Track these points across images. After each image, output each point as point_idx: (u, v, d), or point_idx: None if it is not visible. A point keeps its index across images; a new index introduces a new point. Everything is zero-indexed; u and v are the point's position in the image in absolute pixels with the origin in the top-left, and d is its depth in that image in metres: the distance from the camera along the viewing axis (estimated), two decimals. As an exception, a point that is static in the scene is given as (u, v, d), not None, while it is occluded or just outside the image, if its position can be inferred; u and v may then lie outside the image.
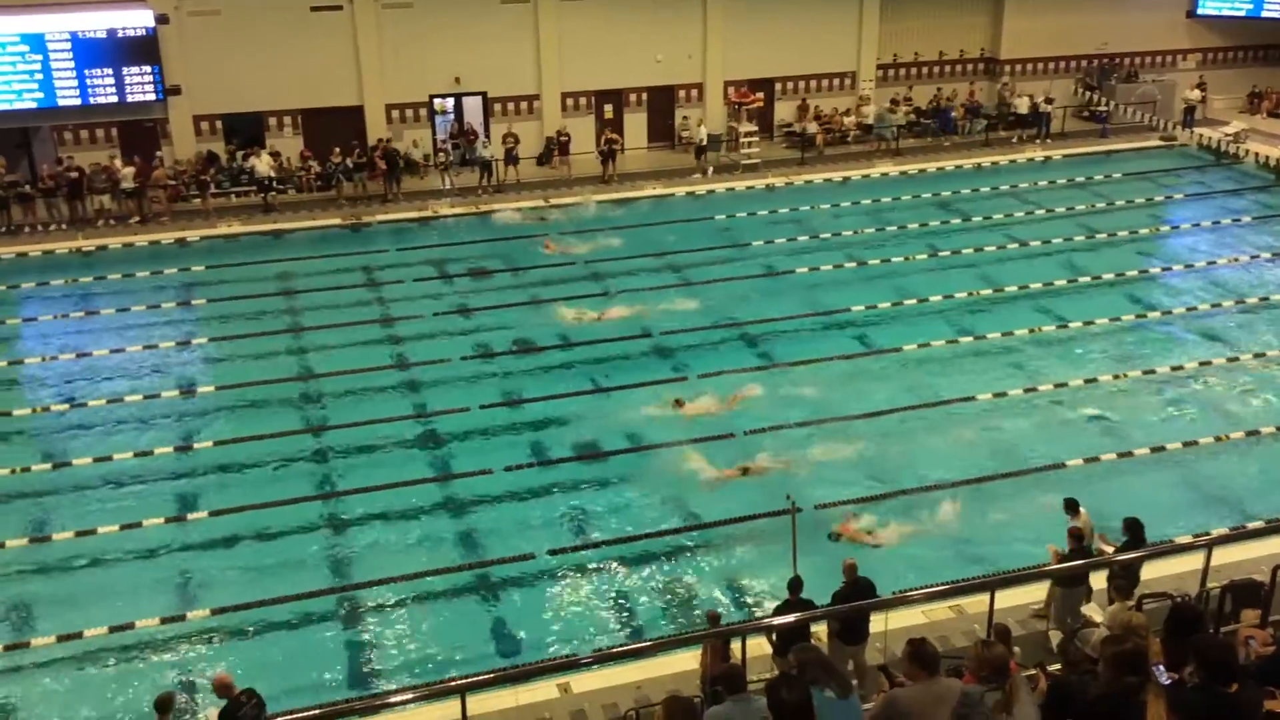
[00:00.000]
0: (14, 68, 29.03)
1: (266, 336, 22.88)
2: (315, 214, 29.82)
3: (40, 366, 22.01)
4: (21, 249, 27.38)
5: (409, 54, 32.18)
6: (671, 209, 30.89)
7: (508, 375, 21.32)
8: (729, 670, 7.67)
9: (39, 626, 14.48)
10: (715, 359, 21.73)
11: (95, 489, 17.58)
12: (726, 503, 16.83)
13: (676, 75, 35.23)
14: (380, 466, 18.04)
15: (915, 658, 7.22)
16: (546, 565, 15.56)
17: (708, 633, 11.70)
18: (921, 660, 7.16)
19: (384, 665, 13.76)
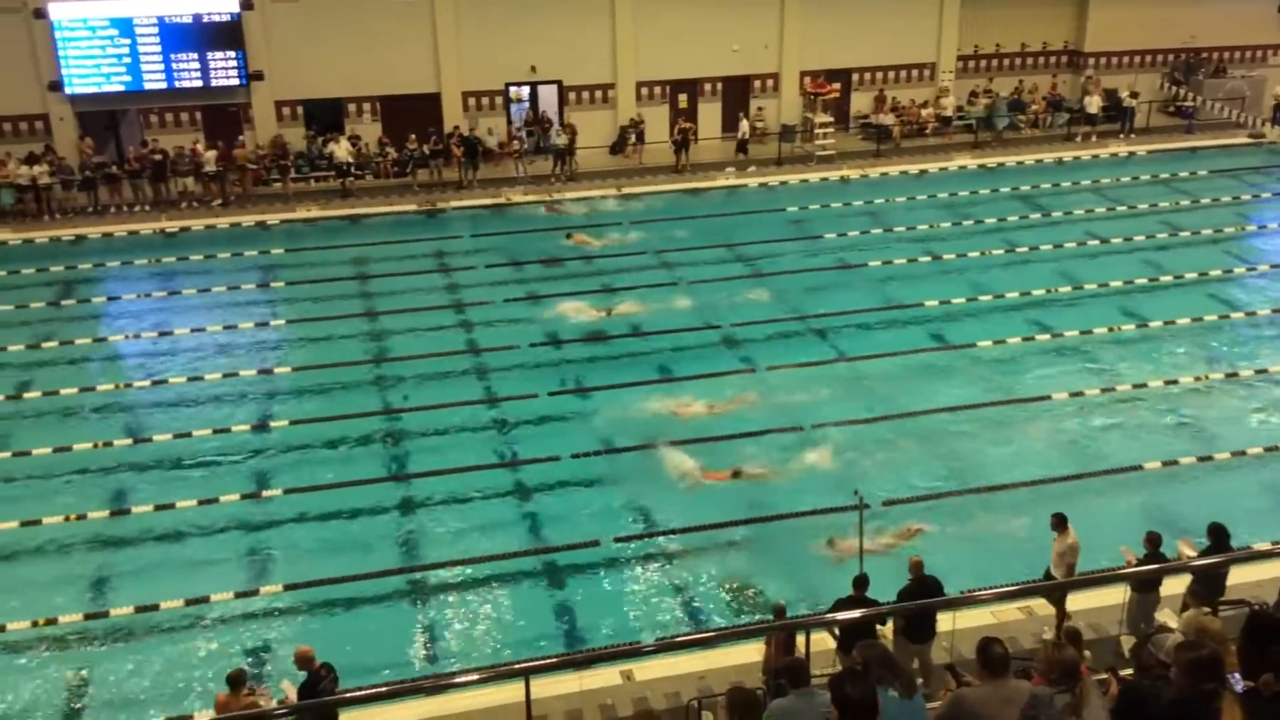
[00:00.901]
0: (103, 51, 29.77)
1: (342, 319, 23.23)
2: (391, 199, 30.19)
3: (124, 344, 22.61)
4: (108, 229, 28.12)
5: (486, 42, 32.39)
6: (744, 200, 30.77)
7: (576, 363, 21.41)
8: (792, 663, 7.64)
9: (117, 597, 14.87)
10: (784, 351, 21.62)
11: (174, 464, 18.00)
12: (793, 495, 16.74)
13: (752, 65, 35.03)
14: (450, 450, 18.23)
15: (980, 659, 7.12)
16: (611, 552, 15.62)
17: (771, 625, 11.67)
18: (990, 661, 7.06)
19: (449, 646, 13.93)
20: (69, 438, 18.59)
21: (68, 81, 29.78)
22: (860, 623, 11.13)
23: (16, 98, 29.86)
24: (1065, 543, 13.18)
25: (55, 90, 29.88)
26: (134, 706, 12.95)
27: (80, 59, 29.67)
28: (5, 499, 16.98)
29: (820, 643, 11.82)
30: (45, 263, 26.15)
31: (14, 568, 15.47)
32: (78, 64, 29.68)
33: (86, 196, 29.32)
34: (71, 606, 14.59)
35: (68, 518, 16.40)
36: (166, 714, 12.67)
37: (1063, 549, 13.15)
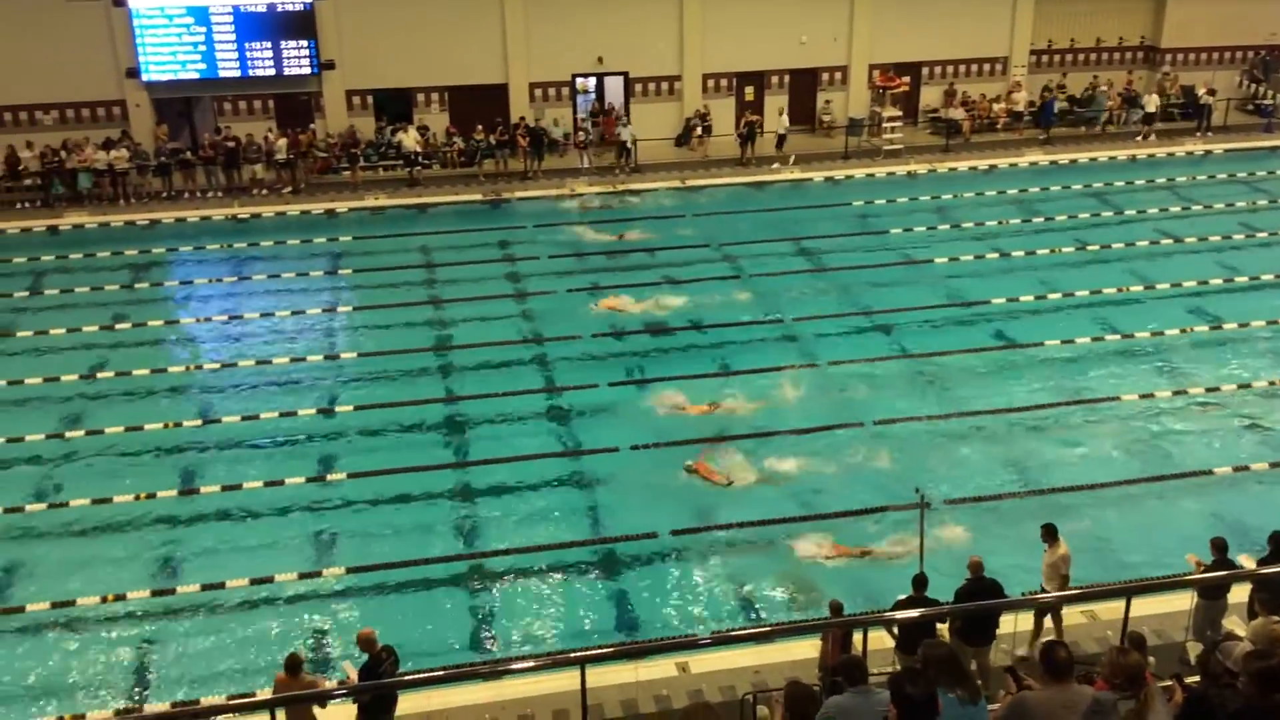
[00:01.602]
0: (179, 39, 30.35)
1: (406, 307, 23.47)
2: (457, 189, 30.43)
3: (194, 327, 23.08)
4: (181, 214, 28.69)
5: (554, 33, 32.50)
6: (809, 194, 30.58)
7: (637, 355, 21.43)
8: (850, 661, 7.59)
9: (185, 575, 15.18)
10: (846, 347, 21.46)
11: (242, 446, 18.34)
12: (851, 493, 16.64)
13: (820, 58, 34.75)
14: (510, 438, 18.36)
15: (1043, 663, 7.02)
16: (669, 545, 15.63)
17: (829, 622, 11.59)
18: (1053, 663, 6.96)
19: (506, 633, 14.03)
20: (140, 418, 19.00)
21: (145, 68, 30.42)
22: (920, 622, 11.02)
23: (95, 84, 30.57)
24: (1056, 554, 12.90)
25: (132, 77, 30.54)
26: (198, 683, 13.21)
27: (157, 46, 30.28)
28: (78, 476, 17.42)
29: (877, 641, 11.76)
30: (120, 246, 26.75)
31: (85, 544, 15.85)
32: (155, 51, 30.29)
33: (161, 182, 29.93)
34: (140, 583, 14.93)
35: (138, 496, 16.78)
36: (229, 691, 12.91)
37: (1054, 560, 12.89)
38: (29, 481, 17.28)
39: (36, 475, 17.47)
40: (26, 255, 26.15)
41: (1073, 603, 13.20)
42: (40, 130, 30.29)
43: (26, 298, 24.00)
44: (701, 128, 33.28)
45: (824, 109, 35.20)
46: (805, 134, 35.12)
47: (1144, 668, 7.54)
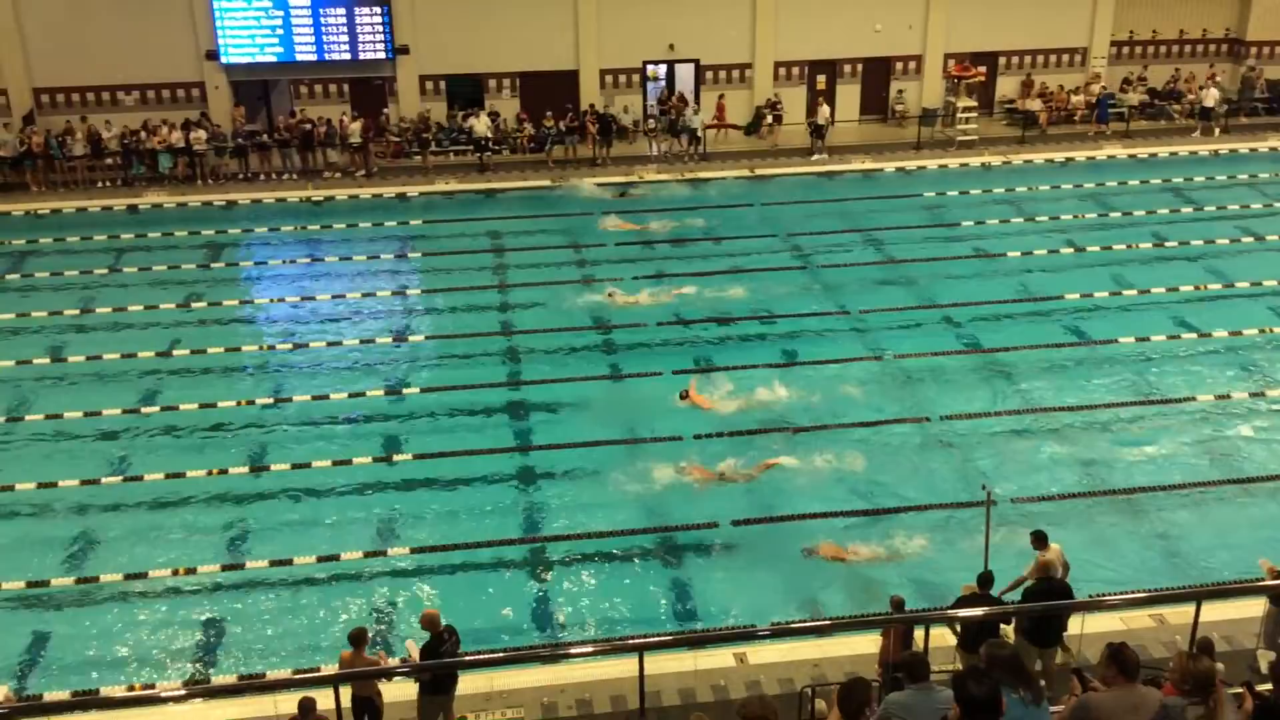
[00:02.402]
0: (258, 22, 30.85)
1: (474, 291, 23.66)
2: (526, 175, 30.59)
3: (267, 307, 23.51)
4: (257, 195, 29.19)
5: (626, 20, 32.48)
6: (880, 184, 30.27)
7: (702, 343, 21.39)
8: (912, 657, 7.53)
9: (254, 550, 15.49)
10: (914, 340, 21.21)
11: (311, 425, 18.64)
12: (917, 487, 16.48)
13: (894, 46, 34.34)
14: (573, 424, 18.43)
15: (1115, 661, 6.90)
16: (729, 535, 15.60)
17: (891, 617, 11.50)
18: (1121, 664, 6.84)
19: (565, 617, 14.11)
20: (214, 395, 19.40)
21: (224, 51, 30.97)
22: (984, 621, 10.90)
23: (176, 65, 31.20)
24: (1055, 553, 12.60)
25: (212, 59, 31.12)
26: (264, 656, 13.48)
27: (236, 29, 30.80)
28: (152, 451, 17.85)
29: (939, 639, 11.64)
30: (197, 226, 27.29)
31: (158, 517, 16.23)
32: (234, 34, 30.83)
33: (238, 163, 30.47)
34: (210, 557, 15.26)
35: (210, 472, 17.13)
36: (294, 665, 13.15)
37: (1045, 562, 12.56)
38: (106, 455, 17.73)
39: (113, 449, 17.92)
40: (107, 233, 26.78)
41: (1140, 606, 12.97)
42: (121, 110, 31.00)
43: (106, 275, 24.59)
44: (772, 116, 33.07)
45: (897, 99, 34.78)
46: (878, 124, 34.75)
47: (1215, 674, 7.38)
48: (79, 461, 17.49)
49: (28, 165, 29.19)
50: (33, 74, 30.78)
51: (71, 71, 30.88)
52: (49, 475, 16.97)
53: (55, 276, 24.38)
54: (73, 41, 30.46)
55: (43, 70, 30.79)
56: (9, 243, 26.25)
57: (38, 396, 19.49)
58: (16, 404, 19.22)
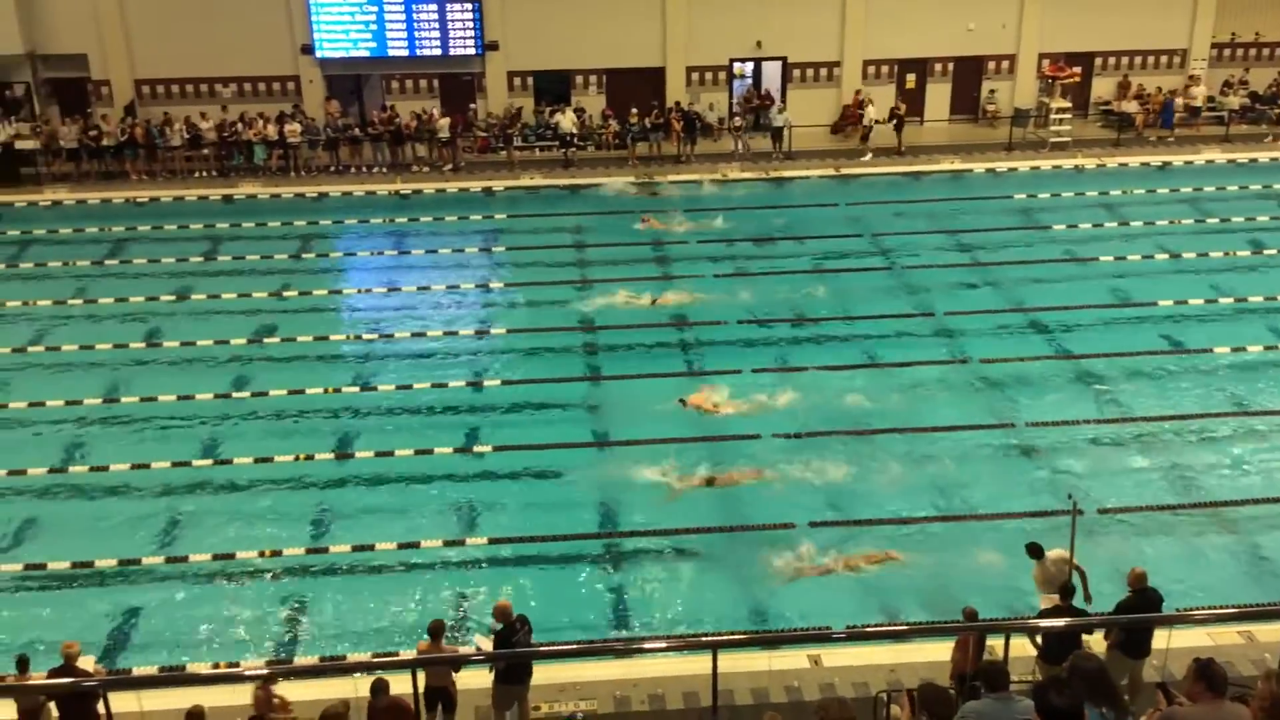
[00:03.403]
0: (352, 17, 31.43)
1: (556, 285, 23.81)
2: (610, 171, 30.68)
3: (356, 297, 23.96)
4: (347, 188, 29.74)
5: (714, 17, 32.40)
6: (969, 185, 29.81)
7: (781, 343, 21.27)
8: (991, 666, 7.43)
9: (337, 534, 15.79)
10: (1001, 345, 20.85)
11: (395, 414, 18.94)
12: (1000, 495, 16.21)
13: (987, 45, 33.76)
14: (650, 421, 18.41)
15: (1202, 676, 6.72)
16: (806, 536, 15.47)
17: (971, 625, 11.31)
18: (1209, 680, 6.66)
19: (638, 613, 14.13)
20: (302, 382, 19.81)
21: (318, 45, 31.61)
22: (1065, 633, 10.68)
23: (272, 59, 31.92)
24: (1046, 570, 12.37)
25: (307, 53, 31.78)
26: (344, 639, 13.75)
27: (330, 24, 31.41)
28: (242, 435, 18.28)
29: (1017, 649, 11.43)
30: (289, 217, 27.88)
31: (247, 499, 16.63)
32: (328, 29, 31.44)
33: (330, 156, 31.06)
34: (295, 540, 15.60)
35: (297, 457, 17.50)
36: (373, 650, 13.38)
37: (1047, 576, 12.35)
38: (197, 437, 18.21)
39: (204, 432, 18.40)
40: (203, 222, 27.50)
41: (1229, 622, 12.60)
42: (219, 102, 31.78)
43: (201, 262, 25.26)
44: (859, 115, 32.73)
45: (988, 98, 34.20)
46: (968, 124, 34.21)
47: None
48: (171, 443, 17.99)
49: (128, 154, 30.09)
50: (135, 66, 31.72)
51: (172, 64, 31.76)
52: (142, 456, 17.49)
53: (153, 263, 25.11)
54: (173, 34, 31.33)
55: (144, 62, 31.72)
56: (110, 229, 27.09)
57: (134, 379, 20.08)
58: (113, 386, 19.82)
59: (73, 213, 28.22)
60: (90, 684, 10.78)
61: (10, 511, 16.30)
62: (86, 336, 21.54)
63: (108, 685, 10.96)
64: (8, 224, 27.50)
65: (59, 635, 12.25)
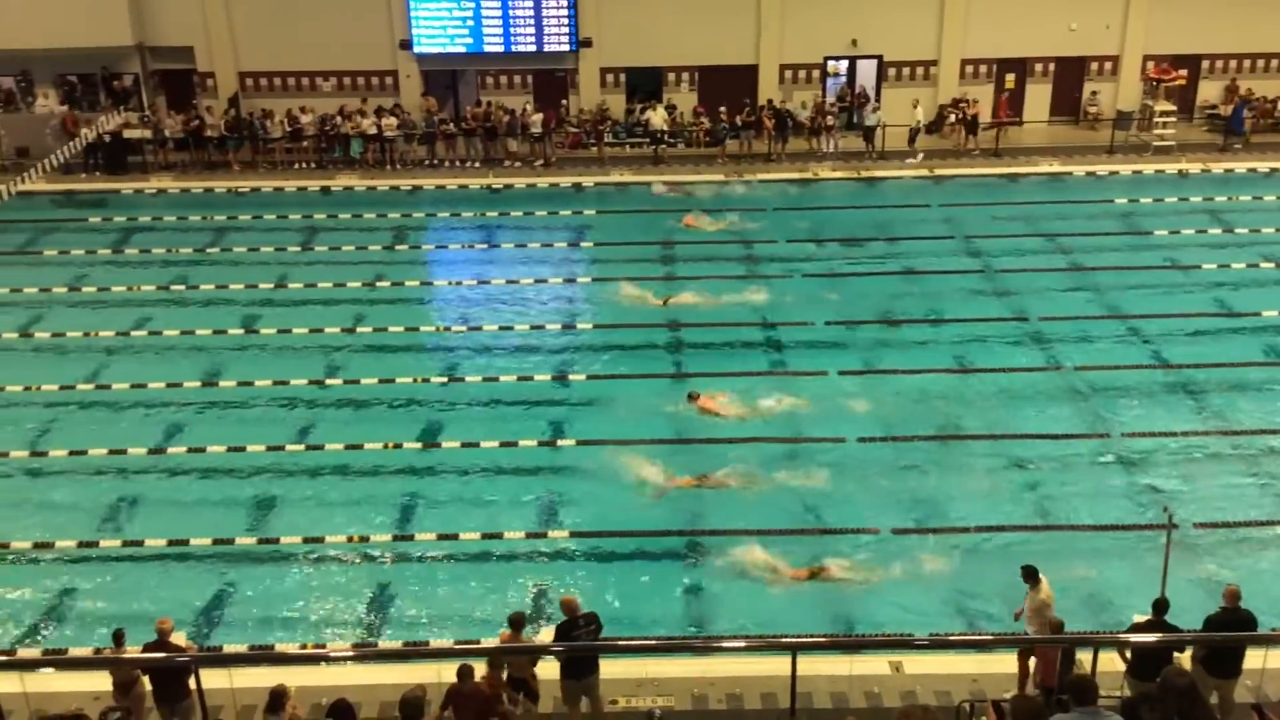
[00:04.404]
0: (450, 14, 31.85)
1: (642, 281, 23.80)
2: (700, 168, 30.64)
3: (446, 289, 24.31)
4: (441, 181, 30.15)
5: (808, 15, 32.16)
6: (1068, 188, 29.16)
7: (870, 345, 21.03)
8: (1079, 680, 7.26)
9: (422, 522, 16.03)
10: (1097, 352, 20.37)
11: (481, 406, 19.17)
12: (1092, 506, 15.85)
13: (1090, 46, 32.93)
14: (736, 419, 18.34)
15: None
16: (888, 543, 15.30)
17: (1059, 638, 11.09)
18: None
19: (716, 612, 14.10)
20: (392, 371, 20.16)
21: (416, 41, 32.11)
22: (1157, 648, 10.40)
23: (371, 54, 32.51)
24: (1038, 597, 11.92)
25: (405, 49, 32.29)
26: (426, 626, 13.97)
27: (429, 20, 31.89)
28: (333, 422, 18.64)
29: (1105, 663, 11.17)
30: (384, 209, 28.37)
31: (337, 485, 16.98)
32: (426, 25, 31.92)
33: (425, 150, 31.52)
34: (382, 526, 15.88)
35: (385, 445, 17.82)
36: (455, 637, 13.55)
37: (1036, 604, 11.91)
38: (291, 422, 18.63)
39: (297, 417, 18.81)
40: (301, 213, 28.12)
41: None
42: (319, 96, 32.49)
43: (298, 252, 25.83)
44: (956, 115, 32.21)
45: (1090, 100, 33.40)
46: (1068, 125, 33.44)
47: None
48: (266, 427, 18.43)
49: (231, 145, 30.90)
50: (239, 59, 32.56)
51: (274, 58, 32.53)
52: (238, 439, 17.96)
53: (252, 252, 25.75)
54: (276, 29, 32.09)
55: (248, 55, 32.55)
56: (212, 218, 27.85)
57: (231, 364, 20.61)
58: (212, 370, 20.37)
59: (177, 201, 29.07)
60: (182, 660, 11.11)
61: (111, 489, 16.87)
62: (187, 322, 22.17)
63: (199, 661, 11.29)
64: (114, 210, 28.45)
65: (154, 611, 12.62)
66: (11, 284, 23.95)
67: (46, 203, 28.95)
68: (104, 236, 26.82)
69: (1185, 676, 6.97)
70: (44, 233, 27.06)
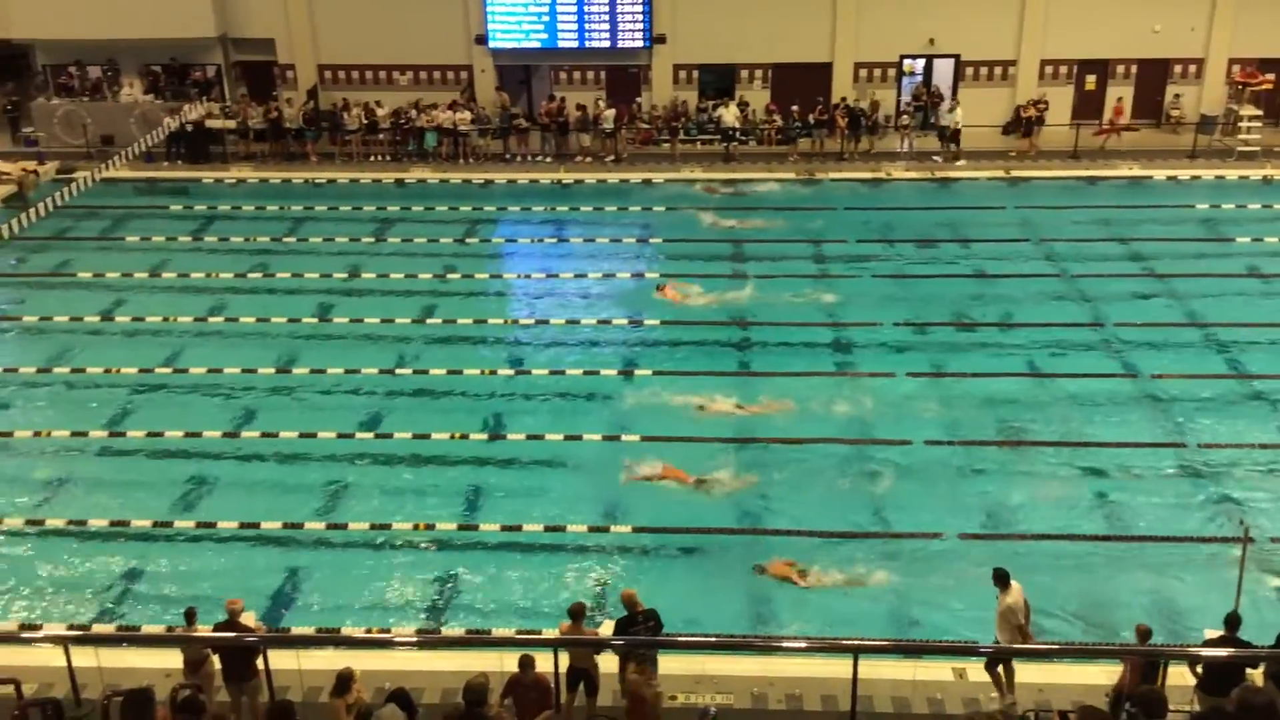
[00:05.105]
0: (525, 9, 32.06)
1: (710, 279, 23.78)
2: (771, 166, 30.50)
3: (515, 282, 24.49)
4: (513, 175, 30.38)
5: (885, 13, 31.84)
6: (1148, 192, 28.54)
7: (940, 348, 20.78)
8: (1150, 693, 7.13)
9: (487, 512, 16.18)
10: (1175, 360, 19.93)
11: (546, 399, 19.27)
12: (1167, 516, 15.53)
13: (1174, 48, 32.19)
14: (800, 420, 18.23)
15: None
16: (954, 548, 15.12)
17: (1127, 649, 10.89)
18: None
19: (778, 612, 14.03)
20: (460, 362, 20.36)
21: (492, 36, 32.36)
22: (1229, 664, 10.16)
23: (447, 49, 32.83)
24: (1005, 601, 11.68)
25: (480, 44, 32.57)
26: (489, 614, 14.09)
27: (504, 15, 32.11)
28: (402, 411, 18.88)
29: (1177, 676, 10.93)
30: (456, 202, 28.64)
31: (404, 473, 17.20)
32: (502, 20, 32.16)
33: (498, 144, 31.76)
34: (447, 515, 16.05)
35: (452, 435, 18.00)
36: (518, 626, 13.67)
37: (1003, 609, 11.66)
38: (360, 410, 18.90)
39: (367, 405, 19.09)
40: (375, 205, 28.49)
41: None
42: (395, 89, 32.89)
43: (372, 243, 26.18)
44: (1034, 116, 31.66)
45: (1172, 103, 32.65)
46: (1150, 129, 32.73)
47: None
48: (336, 414, 18.72)
49: (309, 136, 31.41)
50: (319, 51, 33.08)
51: (352, 51, 33.01)
52: (309, 425, 18.27)
53: (327, 242, 26.15)
54: (355, 23, 32.55)
55: (327, 48, 33.06)
56: (289, 208, 28.34)
57: (304, 351, 20.95)
58: (286, 357, 20.73)
59: (255, 191, 29.63)
60: (251, 640, 11.35)
61: (185, 471, 17.25)
62: (262, 309, 22.59)
63: (267, 642, 11.52)
64: (195, 199, 29.07)
65: (225, 591, 12.89)
66: (95, 268, 24.61)
67: (130, 190, 29.67)
68: (184, 224, 27.44)
69: (1262, 694, 6.79)
70: (127, 219, 27.75)
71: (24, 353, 21.13)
